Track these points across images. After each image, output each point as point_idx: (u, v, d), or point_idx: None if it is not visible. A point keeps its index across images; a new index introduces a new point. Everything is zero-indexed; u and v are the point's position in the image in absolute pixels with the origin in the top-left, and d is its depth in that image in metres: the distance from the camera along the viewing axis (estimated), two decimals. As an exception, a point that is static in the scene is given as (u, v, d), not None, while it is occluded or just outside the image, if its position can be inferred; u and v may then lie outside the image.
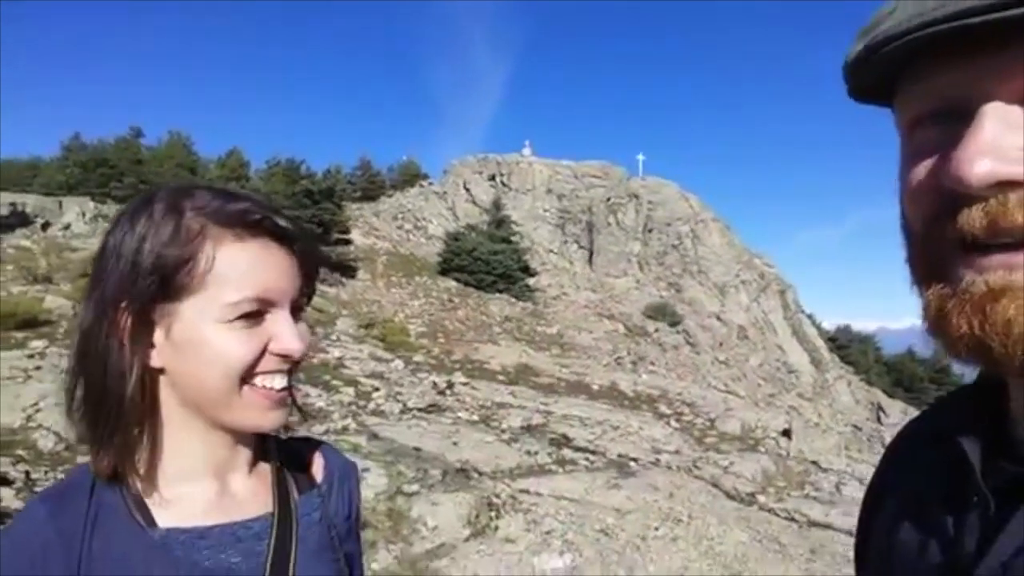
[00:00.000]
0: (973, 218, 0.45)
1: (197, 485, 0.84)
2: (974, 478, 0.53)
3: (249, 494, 0.88)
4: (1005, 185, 0.44)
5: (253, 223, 0.80)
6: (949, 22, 0.43)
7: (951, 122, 0.47)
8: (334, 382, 11.00)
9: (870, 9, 0.52)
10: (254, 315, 0.79)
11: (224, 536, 0.83)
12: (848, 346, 38.14)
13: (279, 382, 0.82)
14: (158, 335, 0.79)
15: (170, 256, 0.76)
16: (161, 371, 0.80)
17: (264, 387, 0.81)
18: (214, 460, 0.86)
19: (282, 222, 0.83)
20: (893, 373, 36.83)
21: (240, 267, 0.78)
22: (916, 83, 0.49)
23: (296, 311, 0.85)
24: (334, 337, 14.20)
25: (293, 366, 0.84)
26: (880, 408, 29.19)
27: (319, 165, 26.41)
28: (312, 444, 1.04)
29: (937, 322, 0.49)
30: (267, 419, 0.83)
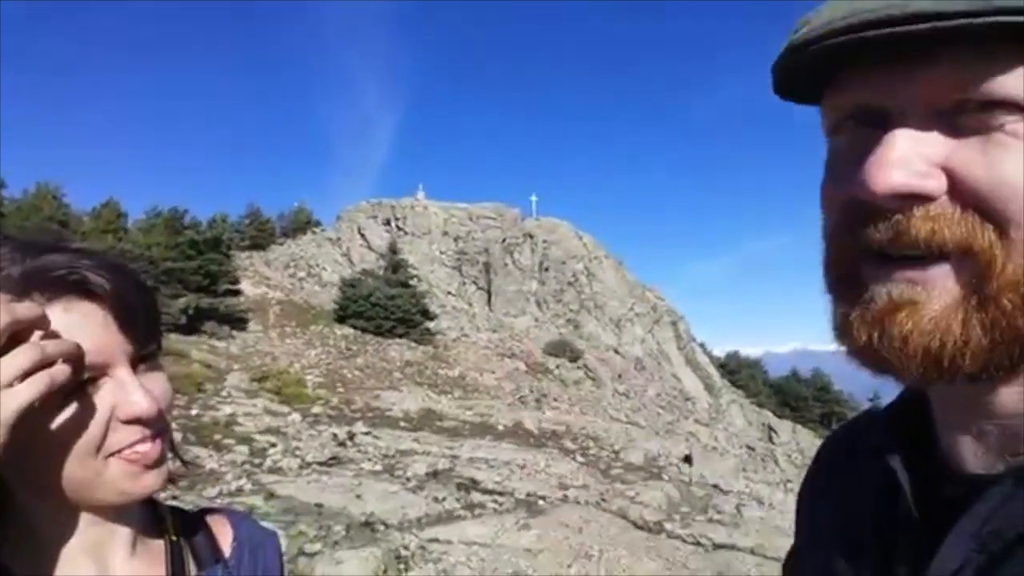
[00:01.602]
0: (879, 229, 0.45)
1: (75, 569, 0.74)
2: (904, 503, 0.52)
3: (135, 574, 0.79)
4: (912, 198, 0.43)
5: (52, 283, 0.69)
6: (864, 30, 0.42)
7: (869, 128, 0.46)
8: (226, 441, 10.40)
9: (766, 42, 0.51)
10: (87, 384, 0.69)
11: None
12: (738, 371, 39.95)
13: (143, 446, 0.73)
14: None
15: None
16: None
17: (129, 454, 0.72)
18: (90, 540, 0.76)
19: (88, 272, 0.71)
20: (780, 394, 38.80)
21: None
22: (837, 88, 0.49)
23: (144, 360, 0.75)
24: (224, 393, 13.49)
25: (163, 422, 0.75)
26: (771, 428, 30.57)
27: (204, 214, 25.22)
28: (220, 514, 0.95)
29: (841, 331, 0.48)
30: (140, 486, 0.73)
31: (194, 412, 11.59)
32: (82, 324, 0.69)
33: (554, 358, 26.65)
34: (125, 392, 0.71)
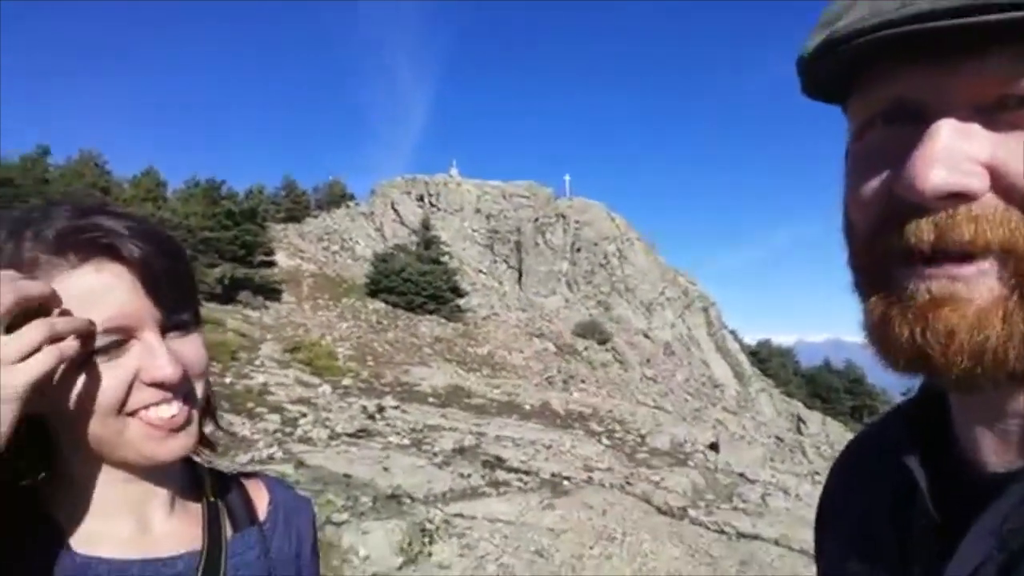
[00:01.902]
0: (922, 229, 0.44)
1: (114, 523, 0.78)
2: (922, 502, 0.52)
3: (174, 531, 0.82)
4: (956, 197, 0.43)
5: (85, 245, 0.71)
6: (914, 23, 0.41)
7: (905, 125, 0.46)
8: (258, 409, 10.61)
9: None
10: (112, 347, 0.71)
11: (145, 572, 0.76)
12: (768, 360, 39.48)
13: (167, 410, 0.74)
14: None
15: None
16: (42, 416, 0.73)
17: (152, 417, 0.74)
18: (129, 497, 0.79)
19: (119, 237, 0.72)
20: (811, 385, 38.32)
21: (76, 299, 0.69)
22: (873, 83, 0.48)
23: (177, 328, 0.77)
24: (258, 362, 13.74)
25: (190, 388, 0.77)
26: (800, 419, 30.25)
27: (241, 185, 25.55)
28: (257, 479, 0.98)
29: (879, 328, 0.47)
30: (164, 449, 0.75)
31: (228, 380, 11.83)
32: (112, 286, 0.71)
33: (583, 339, 26.62)
34: (152, 356, 0.72)
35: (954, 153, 0.42)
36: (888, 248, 0.46)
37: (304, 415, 10.83)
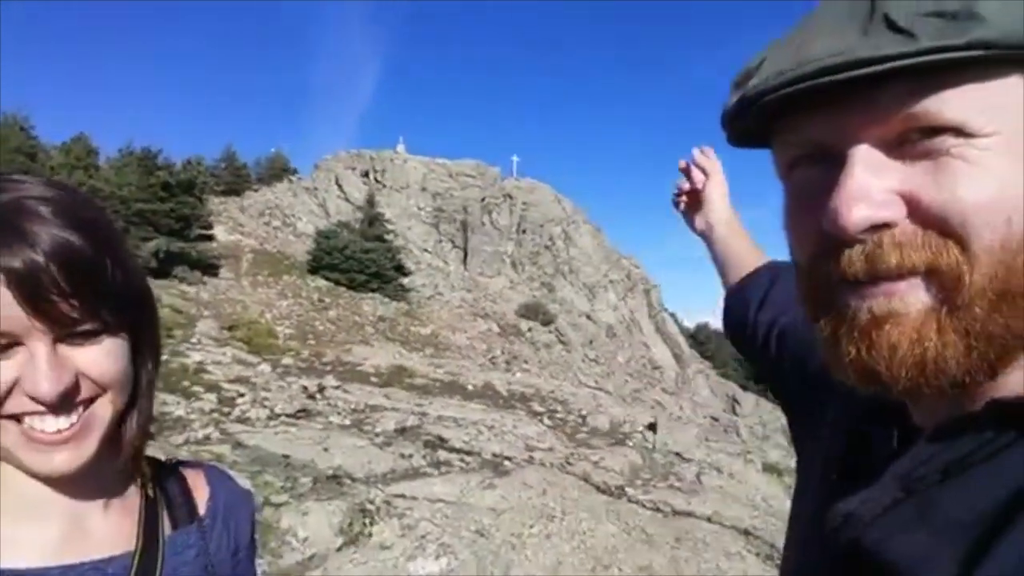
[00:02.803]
0: (853, 260, 0.48)
1: (42, 526, 0.74)
2: (857, 445, 0.58)
3: (110, 531, 0.79)
4: (879, 228, 0.47)
5: None
6: (814, 79, 0.46)
7: (825, 165, 0.50)
8: (194, 388, 10.36)
9: (746, 11, 0.52)
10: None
11: None
12: (707, 342, 40.54)
13: (50, 424, 0.70)
14: None
15: None
16: None
17: (32, 428, 0.69)
18: (57, 496, 0.75)
19: (2, 246, 0.65)
20: (746, 367, 39.46)
21: None
22: (789, 130, 0.52)
23: (81, 336, 0.71)
24: (194, 340, 13.38)
25: (90, 398, 0.72)
26: (735, 400, 31.20)
27: (179, 155, 24.66)
28: (198, 469, 0.95)
29: (830, 349, 0.51)
30: (45, 463, 0.71)
31: (163, 358, 11.50)
32: None
33: (527, 321, 26.78)
34: (33, 368, 0.68)
35: (869, 189, 0.47)
36: (828, 275, 0.50)
37: (242, 395, 10.61)
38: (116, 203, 18.43)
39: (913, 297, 0.47)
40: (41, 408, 0.69)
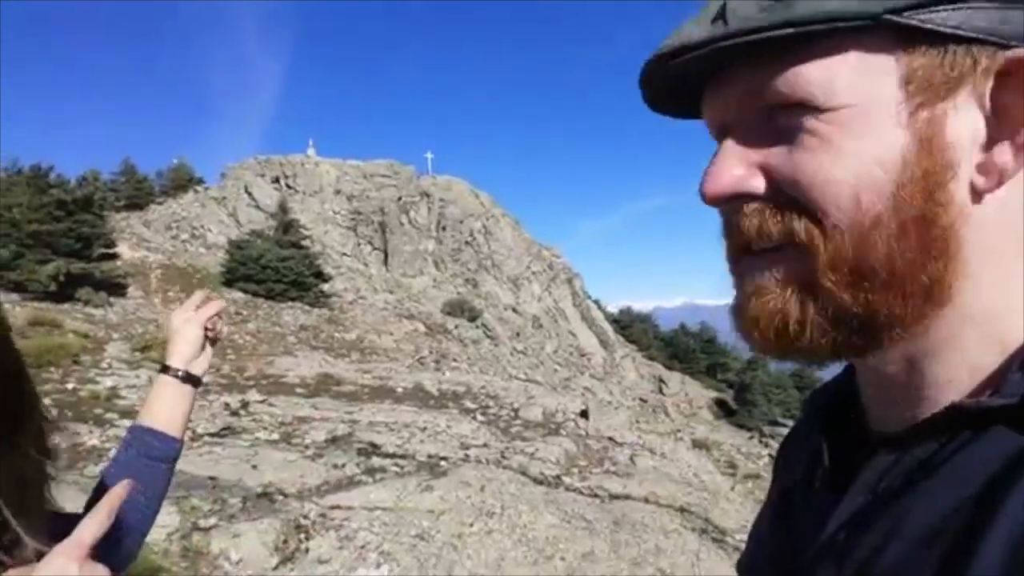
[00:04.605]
0: (729, 233, 0.51)
1: None
2: (820, 460, 0.57)
3: None
4: (737, 199, 0.49)
5: None
6: (688, 52, 0.47)
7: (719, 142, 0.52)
8: (108, 415, 9.83)
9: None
10: None
11: None
12: (630, 326, 41.42)
13: None
14: None
15: None
16: None
17: None
18: None
19: None
20: (669, 347, 40.58)
21: None
22: (704, 108, 0.54)
23: None
24: (104, 365, 12.70)
25: None
26: (661, 380, 32.04)
27: (72, 171, 23.31)
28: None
29: (733, 320, 0.53)
30: None
31: (70, 386, 10.87)
32: None
33: (453, 318, 26.68)
34: None
35: (732, 162, 0.49)
36: (727, 249, 0.53)
37: (161, 417, 10.15)
38: (6, 226, 17.29)
39: (776, 273, 0.48)
40: None
